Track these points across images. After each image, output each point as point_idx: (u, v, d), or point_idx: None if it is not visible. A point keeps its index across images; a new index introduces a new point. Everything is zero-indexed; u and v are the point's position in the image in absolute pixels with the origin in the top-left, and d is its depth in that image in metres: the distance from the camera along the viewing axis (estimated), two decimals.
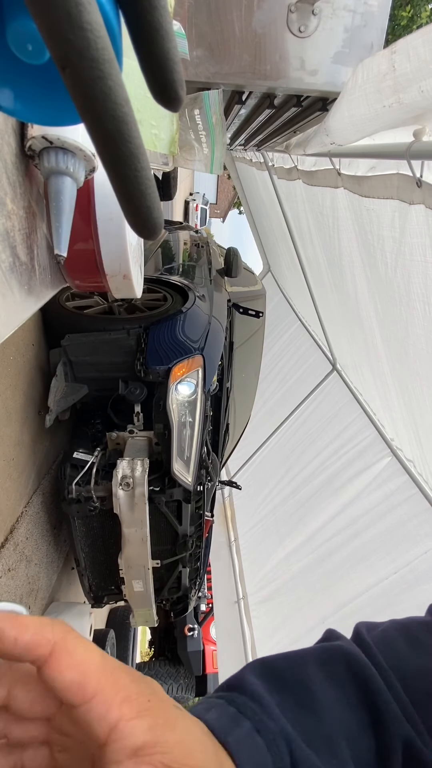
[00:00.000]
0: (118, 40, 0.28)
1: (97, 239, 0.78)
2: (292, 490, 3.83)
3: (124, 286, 0.88)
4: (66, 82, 0.22)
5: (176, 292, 2.31)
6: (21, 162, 0.58)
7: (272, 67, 1.59)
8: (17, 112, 0.41)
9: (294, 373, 4.44)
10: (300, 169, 2.36)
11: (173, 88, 0.28)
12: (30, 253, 0.62)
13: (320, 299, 3.43)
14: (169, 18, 0.26)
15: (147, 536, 1.87)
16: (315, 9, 1.50)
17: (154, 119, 0.86)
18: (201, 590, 2.60)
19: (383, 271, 1.80)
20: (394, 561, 2.53)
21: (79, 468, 1.90)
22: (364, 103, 1.12)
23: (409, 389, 2.17)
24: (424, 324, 1.68)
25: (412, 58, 0.89)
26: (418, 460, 2.54)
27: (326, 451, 3.53)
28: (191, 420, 1.92)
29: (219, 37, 1.53)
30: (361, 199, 1.71)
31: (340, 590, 2.86)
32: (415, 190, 1.31)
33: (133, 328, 1.95)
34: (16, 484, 1.79)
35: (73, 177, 0.59)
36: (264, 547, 3.99)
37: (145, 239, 0.42)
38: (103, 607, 2.48)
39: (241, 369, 3.06)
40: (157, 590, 2.18)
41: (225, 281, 2.86)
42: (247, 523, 4.42)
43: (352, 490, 3.12)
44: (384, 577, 2.55)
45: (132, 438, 1.96)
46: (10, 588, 1.72)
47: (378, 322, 2.19)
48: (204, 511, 2.18)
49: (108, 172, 0.26)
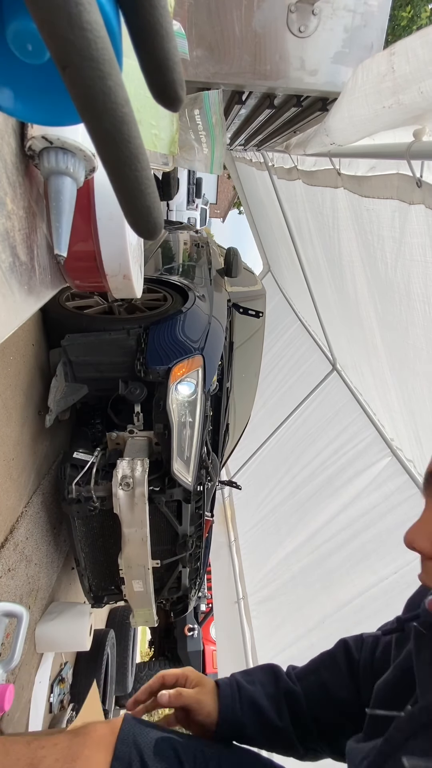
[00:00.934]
0: (118, 40, 0.28)
1: (97, 239, 0.78)
2: (292, 490, 3.83)
3: (124, 286, 0.88)
4: (66, 82, 0.22)
5: (176, 292, 2.31)
6: (21, 162, 0.58)
7: (272, 67, 1.60)
8: (17, 112, 0.41)
9: (294, 373, 4.44)
10: (300, 169, 2.36)
11: (173, 88, 0.28)
12: (30, 253, 0.62)
13: (320, 299, 3.43)
14: (169, 18, 0.26)
15: (147, 536, 1.87)
16: (315, 9, 1.50)
17: (154, 119, 0.86)
18: (201, 590, 2.60)
19: (383, 271, 1.80)
20: (394, 561, 2.52)
21: (79, 468, 1.90)
22: (364, 103, 1.12)
23: (409, 389, 2.17)
24: (424, 324, 1.67)
25: (411, 59, 0.89)
26: (418, 460, 2.54)
27: (326, 451, 3.53)
28: (191, 420, 1.92)
29: (219, 37, 1.53)
30: (361, 199, 1.71)
31: (340, 590, 2.86)
32: (415, 190, 1.31)
33: (133, 328, 1.95)
34: (16, 484, 1.79)
35: (73, 177, 0.59)
36: (264, 547, 3.99)
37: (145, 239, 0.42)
38: (103, 607, 2.48)
39: (241, 369, 3.06)
40: (157, 590, 2.18)
41: (225, 281, 2.86)
42: (247, 523, 4.41)
43: (352, 490, 3.12)
44: (384, 577, 2.55)
45: (132, 438, 1.96)
46: (10, 588, 1.72)
47: (378, 322, 2.19)
48: (204, 511, 2.18)
49: (108, 172, 0.26)
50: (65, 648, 2.15)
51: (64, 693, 2.23)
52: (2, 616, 1.45)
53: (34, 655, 2.06)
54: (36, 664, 2.07)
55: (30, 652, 2.00)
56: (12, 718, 1.75)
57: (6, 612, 1.46)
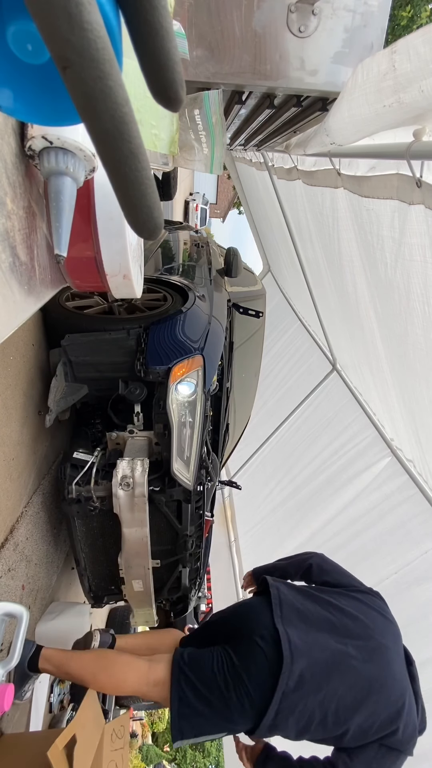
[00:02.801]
0: (118, 40, 0.28)
1: (97, 239, 0.78)
2: (292, 490, 3.83)
3: (124, 286, 0.88)
4: (66, 82, 0.22)
5: (176, 292, 2.31)
6: (21, 162, 0.58)
7: (272, 67, 1.59)
8: (17, 112, 0.41)
9: (294, 373, 4.44)
10: (300, 169, 2.36)
11: (173, 88, 0.28)
12: (30, 253, 0.62)
13: (320, 299, 3.43)
14: (169, 18, 0.26)
15: (147, 536, 1.87)
16: (315, 9, 1.50)
17: (154, 119, 0.86)
18: (201, 590, 2.60)
19: (383, 272, 1.80)
20: (394, 561, 2.52)
21: (79, 468, 1.90)
22: (364, 102, 1.12)
23: (408, 389, 2.17)
24: (423, 324, 1.67)
25: (413, 57, 0.89)
26: (418, 460, 2.54)
27: (326, 451, 3.53)
28: (191, 420, 1.91)
29: (219, 37, 1.53)
30: (360, 199, 1.70)
31: None
32: (415, 190, 1.31)
33: (133, 328, 1.95)
34: (16, 484, 1.79)
35: (73, 177, 0.59)
36: (264, 548, 3.99)
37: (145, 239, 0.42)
38: (103, 607, 2.47)
39: (241, 369, 3.06)
40: (157, 590, 2.18)
41: (225, 281, 2.85)
42: (247, 523, 4.41)
43: (353, 490, 3.12)
44: (384, 577, 2.55)
45: (132, 438, 1.96)
46: (10, 588, 1.72)
47: (378, 322, 2.19)
48: (204, 511, 2.18)
49: (108, 172, 0.26)
50: (65, 648, 2.16)
51: (64, 693, 2.23)
52: (2, 616, 1.45)
53: None
54: None
55: None
56: (12, 718, 1.75)
57: (6, 612, 1.46)
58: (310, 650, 1.32)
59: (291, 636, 1.34)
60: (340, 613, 1.45)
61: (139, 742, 18.92)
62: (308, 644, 1.34)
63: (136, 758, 18.01)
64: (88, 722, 1.47)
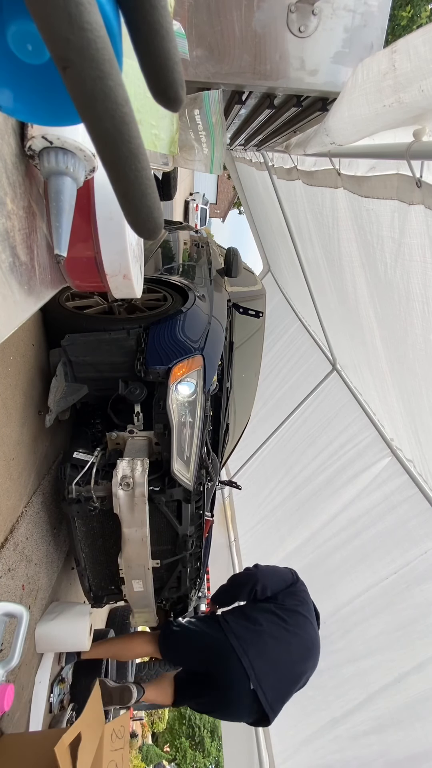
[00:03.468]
0: (118, 40, 0.28)
1: (97, 239, 0.78)
2: (293, 490, 3.83)
3: (124, 286, 0.88)
4: (66, 82, 0.22)
5: (176, 292, 2.31)
6: (21, 162, 0.58)
7: (272, 67, 1.59)
8: (17, 112, 0.41)
9: (294, 373, 4.44)
10: (300, 169, 2.36)
11: (173, 88, 0.28)
12: (30, 253, 0.62)
13: (320, 299, 3.43)
14: (169, 18, 0.26)
15: (147, 536, 1.87)
16: (315, 9, 1.50)
17: (154, 119, 0.86)
18: (201, 590, 2.60)
19: (383, 272, 1.80)
20: (394, 561, 2.52)
21: (79, 468, 1.90)
22: (364, 102, 1.12)
23: (408, 389, 2.17)
24: (423, 324, 1.67)
25: (413, 57, 0.89)
26: (417, 460, 2.54)
27: (326, 451, 3.53)
28: (191, 420, 1.91)
29: (219, 37, 1.52)
30: (360, 199, 1.70)
31: (340, 590, 2.86)
32: (415, 190, 1.31)
33: (133, 328, 1.95)
34: (16, 484, 1.79)
35: (73, 177, 0.59)
36: (264, 548, 3.99)
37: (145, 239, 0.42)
38: (103, 607, 2.47)
39: (241, 369, 3.05)
40: (157, 590, 2.18)
41: (225, 281, 2.85)
42: (247, 523, 4.41)
43: (353, 490, 3.12)
44: (384, 577, 2.55)
45: (132, 438, 1.96)
46: (10, 588, 1.72)
47: (377, 322, 2.19)
48: (204, 511, 2.18)
49: (108, 172, 0.26)
50: (65, 648, 2.15)
51: (64, 693, 2.23)
52: (2, 616, 1.45)
53: (34, 655, 2.06)
54: (36, 664, 2.07)
55: (30, 652, 2.00)
56: (12, 718, 1.75)
57: (6, 612, 1.45)
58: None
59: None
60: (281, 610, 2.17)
61: (139, 742, 18.91)
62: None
63: (136, 758, 18.00)
64: (92, 722, 1.47)
